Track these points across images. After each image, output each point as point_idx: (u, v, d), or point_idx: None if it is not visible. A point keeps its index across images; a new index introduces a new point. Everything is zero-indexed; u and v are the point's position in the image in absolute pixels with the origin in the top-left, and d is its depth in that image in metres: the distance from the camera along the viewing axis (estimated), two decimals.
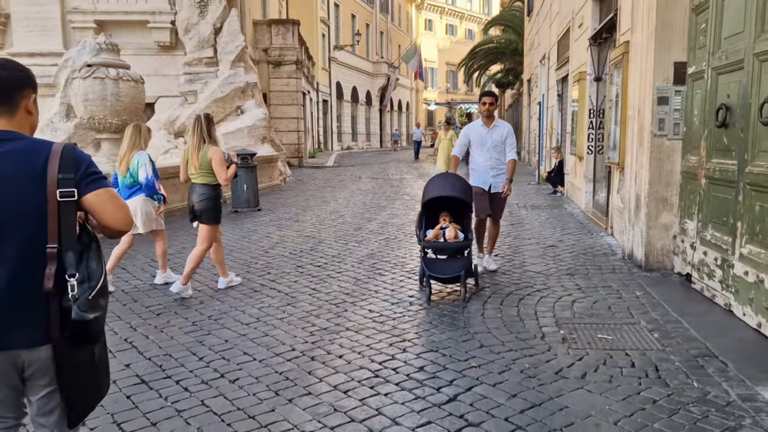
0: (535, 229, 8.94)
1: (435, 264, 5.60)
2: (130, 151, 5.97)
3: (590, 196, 10.25)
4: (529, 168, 20.03)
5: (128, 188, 6.01)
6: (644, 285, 5.74)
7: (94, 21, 16.76)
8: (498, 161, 6.37)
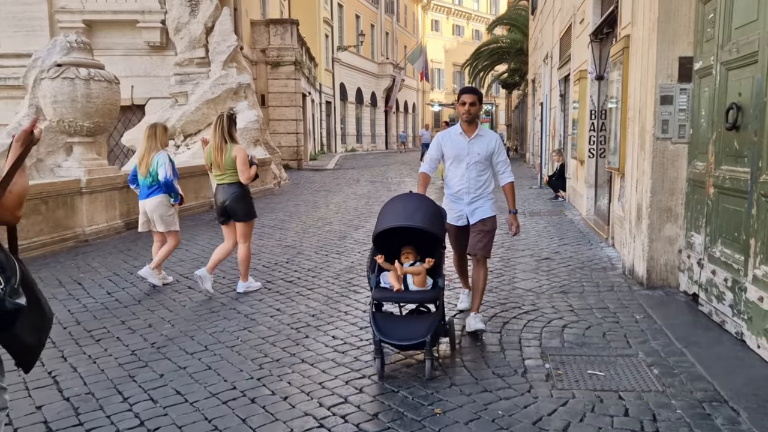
0: (531, 238, 8.33)
1: (390, 323, 3.98)
2: (149, 152, 6.08)
3: (592, 203, 9.63)
4: (532, 171, 19.37)
5: (148, 188, 6.13)
6: (645, 306, 5.12)
7: (82, 21, 16.29)
8: (478, 183, 4.65)
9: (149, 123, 6.48)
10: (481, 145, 4.64)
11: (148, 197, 6.15)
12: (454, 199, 4.74)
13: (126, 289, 6.22)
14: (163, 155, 6.09)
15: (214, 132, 5.75)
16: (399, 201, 4.22)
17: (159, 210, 6.14)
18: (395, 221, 3.98)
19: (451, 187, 4.75)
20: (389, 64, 49.11)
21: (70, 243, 8.73)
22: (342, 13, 41.46)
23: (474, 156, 4.61)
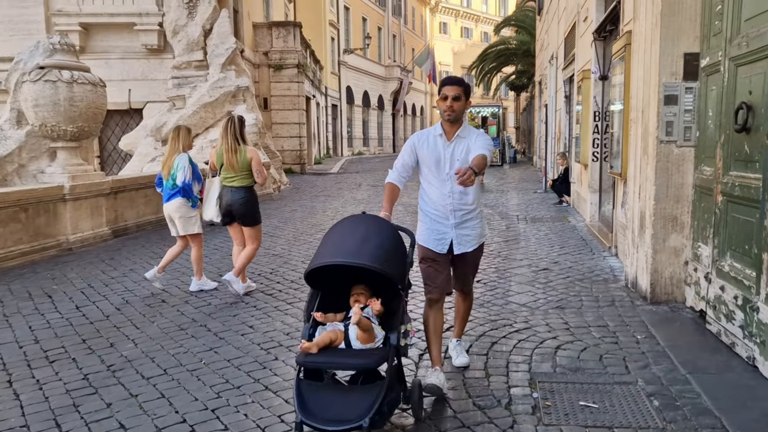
0: (530, 246, 7.91)
1: (322, 396, 2.93)
2: (171, 155, 6.03)
3: (596, 208, 9.19)
4: (538, 174, 18.91)
5: (170, 190, 6.07)
6: (648, 324, 4.70)
7: (79, 24, 16.06)
8: (464, 199, 3.65)
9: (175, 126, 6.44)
10: (461, 150, 3.58)
11: (169, 200, 6.10)
12: (436, 218, 3.69)
13: (97, 302, 5.87)
14: (184, 158, 6.00)
15: (226, 134, 5.73)
16: (345, 226, 3.24)
17: (179, 212, 6.08)
18: (331, 256, 2.99)
19: (430, 204, 3.69)
20: (396, 66, 48.78)
21: (52, 252, 8.41)
22: (348, 15, 41.19)
23: (456, 164, 3.54)
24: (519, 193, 14.69)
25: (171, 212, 6.16)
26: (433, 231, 3.71)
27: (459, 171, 3.16)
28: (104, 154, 17.19)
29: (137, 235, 9.95)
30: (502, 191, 15.45)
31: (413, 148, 3.70)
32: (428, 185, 3.72)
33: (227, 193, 5.85)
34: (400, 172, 3.72)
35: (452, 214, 3.66)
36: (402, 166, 3.72)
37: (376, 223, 3.23)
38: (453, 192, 3.62)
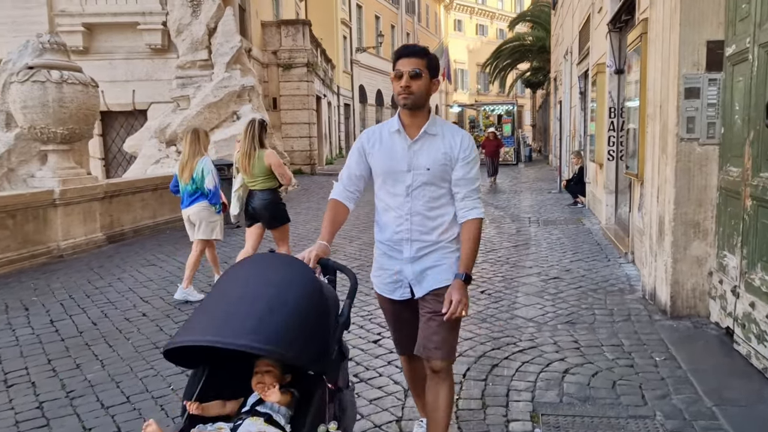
0: (541, 252, 7.43)
1: None
2: (192, 157, 5.84)
3: (612, 211, 8.68)
4: (553, 173, 18.33)
5: (190, 195, 5.90)
6: (668, 343, 4.22)
7: (82, 24, 15.78)
8: (429, 222, 2.55)
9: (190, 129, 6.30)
10: (432, 153, 2.50)
11: (191, 205, 5.92)
12: (388, 250, 2.60)
13: (74, 316, 5.50)
14: (209, 162, 5.87)
15: (244, 138, 5.68)
16: (237, 278, 2.13)
17: (202, 217, 5.92)
18: (201, 332, 1.93)
19: (383, 228, 2.61)
20: None
21: (42, 259, 8.08)
22: (361, 14, 40.78)
23: (420, 172, 2.49)
24: (532, 194, 14.19)
25: (193, 216, 5.96)
26: (385, 268, 2.64)
27: (449, 306, 2.34)
28: (109, 156, 16.94)
29: (133, 241, 9.62)
30: (515, 191, 14.95)
31: (362, 150, 2.61)
32: (381, 204, 2.61)
33: (251, 195, 5.86)
34: (346, 185, 2.64)
35: (408, 245, 2.53)
36: (348, 177, 2.63)
37: (282, 274, 2.08)
38: (412, 214, 2.51)
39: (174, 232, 10.37)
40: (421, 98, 2.47)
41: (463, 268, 2.44)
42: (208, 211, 5.92)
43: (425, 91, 2.47)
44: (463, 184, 2.52)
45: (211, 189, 5.82)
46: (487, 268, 6.64)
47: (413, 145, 2.52)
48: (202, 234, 5.98)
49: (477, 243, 2.51)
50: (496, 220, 10.18)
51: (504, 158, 26.61)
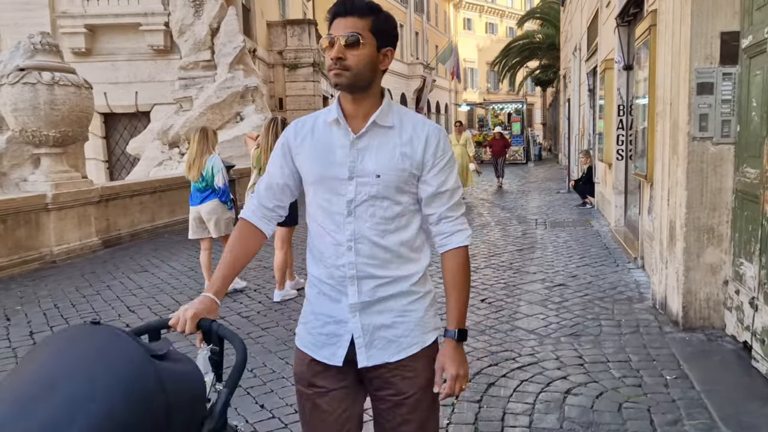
0: (546, 256, 7.11)
1: None
2: (200, 155, 5.86)
3: (621, 212, 8.35)
4: (563, 173, 17.95)
5: (200, 192, 5.94)
6: (679, 358, 3.91)
7: (84, 26, 15.65)
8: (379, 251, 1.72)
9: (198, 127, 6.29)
10: (384, 153, 1.71)
11: (203, 202, 5.94)
12: (328, 290, 1.76)
13: (55, 327, 5.27)
14: (219, 160, 5.90)
15: (265, 135, 5.65)
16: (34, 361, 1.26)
17: (215, 214, 5.94)
18: None
19: (318, 259, 1.79)
20: (419, 64, 47.94)
21: (34, 265, 7.88)
22: None
23: (367, 180, 1.71)
24: (541, 194, 13.85)
25: (205, 214, 5.96)
26: (316, 315, 1.79)
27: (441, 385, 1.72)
28: (112, 159, 16.80)
29: (130, 245, 9.40)
30: (523, 192, 14.62)
31: (286, 148, 1.81)
32: (314, 225, 1.79)
33: None
34: (262, 200, 1.85)
35: (354, 286, 1.72)
36: (267, 189, 1.85)
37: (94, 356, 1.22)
38: (356, 238, 1.71)
39: (172, 236, 10.16)
40: (363, 76, 1.66)
41: (454, 323, 1.77)
42: (221, 209, 5.95)
43: (369, 65, 1.66)
44: (439, 199, 1.77)
45: (221, 187, 5.86)
46: (489, 274, 6.34)
47: (357, 142, 1.70)
48: (218, 231, 5.99)
49: (468, 280, 1.85)
50: (501, 222, 9.87)
51: (513, 157, 26.29)
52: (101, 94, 15.87)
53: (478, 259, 7.07)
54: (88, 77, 16.19)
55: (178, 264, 7.74)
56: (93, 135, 16.28)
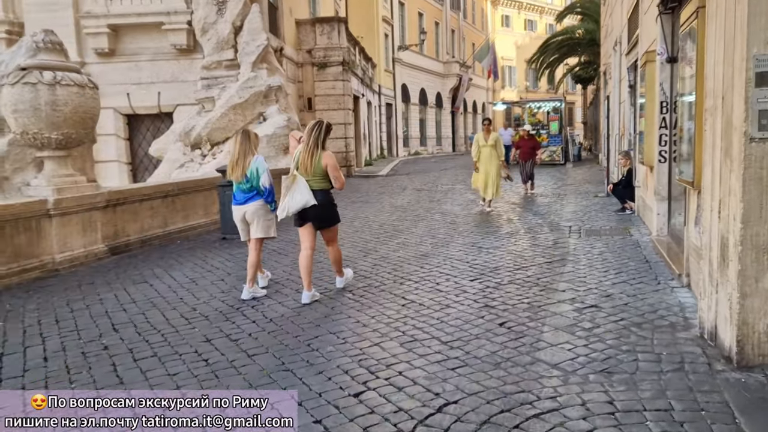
0: (578, 271, 6.38)
1: None
2: (243, 156, 5.96)
3: (664, 220, 7.55)
4: (602, 174, 16.99)
5: (245, 193, 6.03)
6: (734, 408, 3.20)
7: (107, 26, 15.46)
8: None
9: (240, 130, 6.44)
10: None
11: (247, 202, 6.05)
12: None
13: (30, 347, 4.82)
14: (263, 161, 6.03)
15: (308, 135, 5.68)
16: None
17: (259, 214, 6.04)
18: None
19: None
20: (455, 62, 47.11)
21: (35, 274, 7.50)
22: (403, 11, 39.88)
23: None
24: (577, 198, 13.02)
25: (250, 214, 6.06)
26: None
27: None
28: (135, 161, 16.57)
29: (139, 252, 9.01)
30: (559, 195, 13.79)
31: None
32: None
33: None
34: None
35: None
36: None
37: None
38: None
39: (184, 243, 9.74)
40: None
41: None
42: (264, 210, 6.02)
43: None
44: None
45: (267, 187, 5.94)
46: (511, 291, 5.66)
47: None
48: (260, 232, 6.07)
49: None
50: (532, 230, 9.14)
51: (551, 158, 25.28)
52: (124, 95, 15.70)
53: (501, 273, 6.39)
54: (111, 78, 16.14)
55: (180, 275, 7.27)
56: (116, 137, 16.16)
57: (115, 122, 15.96)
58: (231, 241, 9.64)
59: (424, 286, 6.01)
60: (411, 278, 6.34)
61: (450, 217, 11.06)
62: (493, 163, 11.40)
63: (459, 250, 7.76)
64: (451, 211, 11.73)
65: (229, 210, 9.91)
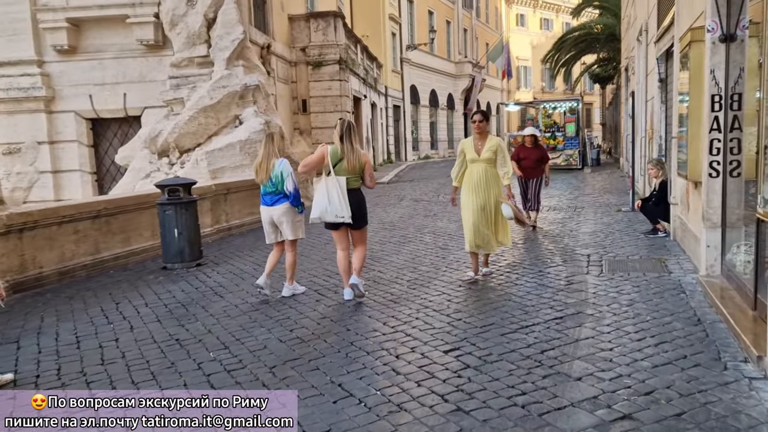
0: (601, 336, 4.45)
1: None
2: (267, 159, 6.00)
3: (716, 255, 5.61)
4: (624, 182, 14.96)
5: (272, 195, 6.03)
6: None
7: (66, 19, 13.76)
8: None
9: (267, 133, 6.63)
10: None
11: (275, 204, 6.04)
12: None
13: None
14: (287, 164, 6.03)
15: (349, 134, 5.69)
16: None
17: (288, 215, 6.03)
18: None
19: None
20: (468, 63, 45.20)
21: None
22: (412, 9, 38.07)
23: None
24: (597, 212, 11.06)
25: (278, 216, 6.05)
26: None
27: None
28: (102, 170, 14.88)
29: (53, 288, 7.27)
30: (575, 208, 11.83)
31: None
32: None
33: None
34: None
35: None
36: None
37: None
38: None
39: (119, 273, 7.99)
40: None
41: None
42: (293, 212, 6.03)
43: None
44: None
45: (291, 191, 5.92)
46: (501, 377, 3.76)
47: None
48: (291, 234, 6.09)
49: None
50: (538, 260, 7.24)
51: (567, 162, 23.26)
52: (86, 96, 14.03)
53: (490, 337, 4.50)
54: (73, 78, 14.43)
55: (83, 323, 5.50)
56: (78, 143, 14.47)
57: (77, 127, 14.29)
58: (172, 272, 7.89)
59: (377, 363, 4.15)
60: (364, 347, 4.48)
61: (442, 239, 9.21)
62: (492, 189, 6.30)
63: (440, 293, 5.90)
64: (445, 231, 9.86)
65: (171, 232, 8.28)
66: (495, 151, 6.34)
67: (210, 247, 9.56)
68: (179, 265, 8.09)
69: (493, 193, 6.28)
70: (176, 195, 8.10)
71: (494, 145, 6.38)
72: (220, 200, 10.97)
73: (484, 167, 6.32)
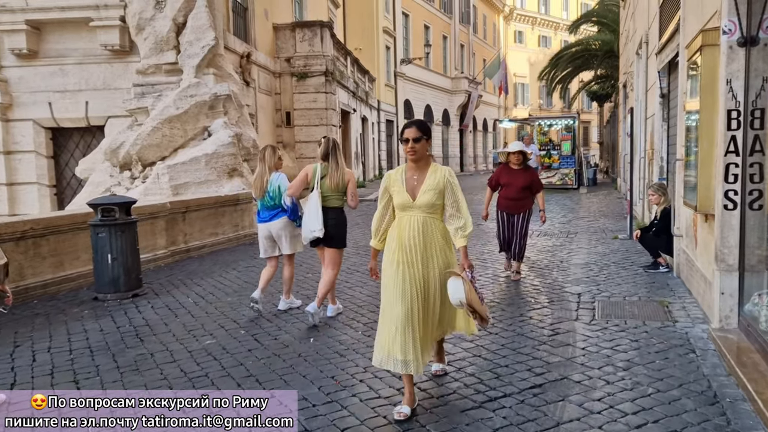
0: (588, 418, 3.44)
1: None
2: (262, 174, 5.95)
3: (733, 304, 4.61)
4: (622, 205, 13.97)
5: (269, 210, 5.98)
6: None
7: (25, 21, 12.85)
8: None
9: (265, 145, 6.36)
10: None
11: (272, 219, 5.97)
12: None
13: None
14: (284, 178, 5.96)
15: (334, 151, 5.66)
16: None
17: (286, 230, 5.97)
18: None
19: None
20: (464, 78, 44.46)
21: None
22: (408, 23, 37.36)
23: None
24: (592, 239, 10.08)
25: (277, 231, 5.98)
26: None
27: None
28: (62, 183, 13.89)
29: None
30: (567, 233, 10.83)
31: None
32: None
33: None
34: None
35: None
36: None
37: None
38: None
39: (43, 304, 6.98)
40: None
41: None
42: (291, 226, 5.97)
43: None
44: None
45: (288, 205, 5.86)
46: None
47: None
48: (289, 249, 6.04)
49: None
50: (522, 298, 6.24)
51: (563, 181, 22.32)
52: (45, 104, 13.06)
53: (442, 420, 3.49)
54: (33, 84, 13.49)
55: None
56: (36, 154, 13.48)
57: (36, 137, 13.32)
58: (102, 304, 6.88)
59: None
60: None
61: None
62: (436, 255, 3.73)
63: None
64: None
65: (104, 258, 7.27)
66: (441, 191, 3.72)
67: (159, 273, 8.56)
68: (112, 295, 7.07)
69: (438, 262, 3.70)
70: (111, 216, 7.10)
71: (439, 182, 3.73)
72: (177, 219, 9.96)
73: (422, 218, 3.69)
